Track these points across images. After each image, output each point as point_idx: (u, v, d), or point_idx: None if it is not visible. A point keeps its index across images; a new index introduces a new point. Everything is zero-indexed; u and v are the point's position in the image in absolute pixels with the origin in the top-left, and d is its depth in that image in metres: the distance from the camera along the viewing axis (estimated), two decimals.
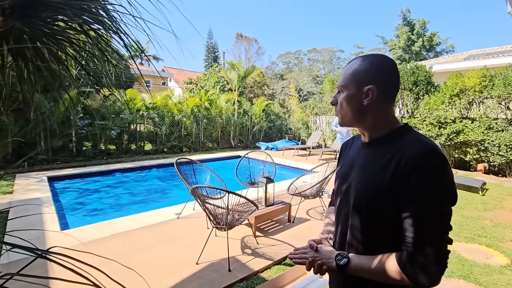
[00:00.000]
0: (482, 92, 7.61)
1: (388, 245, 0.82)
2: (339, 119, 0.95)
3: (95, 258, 0.89)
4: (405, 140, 0.84)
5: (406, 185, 0.76)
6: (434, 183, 0.75)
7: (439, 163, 0.76)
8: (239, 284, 2.50)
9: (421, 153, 0.77)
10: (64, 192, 5.67)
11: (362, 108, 0.88)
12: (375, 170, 0.85)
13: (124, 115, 9.33)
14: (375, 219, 0.84)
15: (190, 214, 4.07)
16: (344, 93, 0.91)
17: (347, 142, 1.16)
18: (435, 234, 0.75)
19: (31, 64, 1.18)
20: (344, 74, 0.92)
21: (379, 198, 0.82)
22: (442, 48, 28.21)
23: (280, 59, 42.66)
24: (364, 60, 0.89)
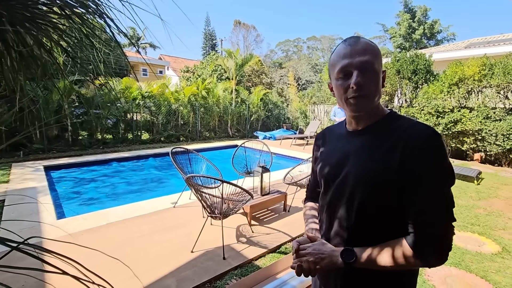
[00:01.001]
0: (481, 81, 7.55)
1: (393, 231, 0.82)
2: (359, 104, 0.84)
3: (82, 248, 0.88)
4: (402, 125, 0.84)
5: (414, 168, 0.76)
6: (444, 164, 0.77)
7: (443, 144, 0.77)
8: (233, 272, 2.53)
9: (427, 136, 0.77)
10: (60, 181, 5.66)
11: (380, 91, 0.87)
12: (379, 157, 0.83)
13: (120, 103, 9.23)
14: (381, 206, 0.83)
15: (186, 203, 4.08)
16: (374, 73, 0.83)
17: (323, 131, 1.12)
18: (446, 215, 0.77)
19: (13, 49, 1.13)
20: (370, 51, 0.82)
21: (385, 185, 0.80)
22: (443, 36, 27.88)
23: (279, 47, 42.09)
24: (374, 43, 0.87)
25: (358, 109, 0.86)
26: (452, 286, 2.40)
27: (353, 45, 0.84)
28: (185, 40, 1.23)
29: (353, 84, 0.82)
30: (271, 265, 2.46)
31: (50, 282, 2.14)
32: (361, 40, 0.85)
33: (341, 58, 0.85)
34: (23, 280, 2.20)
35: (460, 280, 2.49)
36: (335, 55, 0.88)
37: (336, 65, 0.87)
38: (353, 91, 0.83)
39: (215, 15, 79.84)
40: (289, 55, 40.31)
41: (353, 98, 0.84)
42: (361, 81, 0.81)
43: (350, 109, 0.87)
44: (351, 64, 0.82)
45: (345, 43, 0.86)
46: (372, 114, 0.89)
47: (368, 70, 0.82)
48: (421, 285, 2.40)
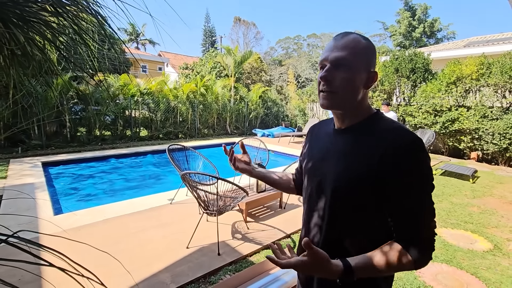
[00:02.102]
0: (479, 80, 7.57)
1: (373, 233, 0.84)
2: (326, 99, 0.84)
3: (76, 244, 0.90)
4: (384, 128, 0.84)
5: (396, 172, 0.77)
6: (426, 168, 0.78)
7: (424, 150, 0.78)
8: (227, 267, 2.56)
9: (409, 141, 0.77)
10: (58, 177, 5.69)
11: (360, 90, 0.84)
12: (358, 157, 0.83)
13: (119, 100, 9.23)
14: (356, 206, 0.84)
15: (182, 200, 4.11)
16: (348, 70, 0.81)
17: (313, 127, 1.13)
18: (431, 218, 0.79)
19: (5, 47, 1.15)
20: (350, 48, 0.81)
21: (363, 186, 0.81)
22: (443, 34, 27.82)
23: (279, 45, 41.92)
24: (366, 40, 0.85)
25: (324, 104, 0.85)
26: (443, 282, 2.44)
27: (337, 40, 0.84)
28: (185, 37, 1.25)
29: (319, 78, 0.83)
30: (265, 261, 2.50)
31: (45, 277, 2.17)
32: (349, 36, 0.84)
33: (324, 51, 0.86)
34: (19, 274, 2.23)
35: (450, 276, 2.53)
36: (324, 49, 0.89)
37: (320, 58, 0.88)
38: (322, 85, 0.84)
39: (215, 11, 79.49)
40: (289, 52, 40.18)
41: (321, 92, 0.85)
42: (328, 76, 0.81)
43: (320, 103, 0.88)
44: (326, 58, 0.83)
45: (333, 38, 0.87)
46: (355, 114, 0.88)
47: (342, 66, 0.80)
48: (412, 281, 2.44)
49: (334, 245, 0.89)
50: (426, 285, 2.40)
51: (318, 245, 0.92)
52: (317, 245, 0.92)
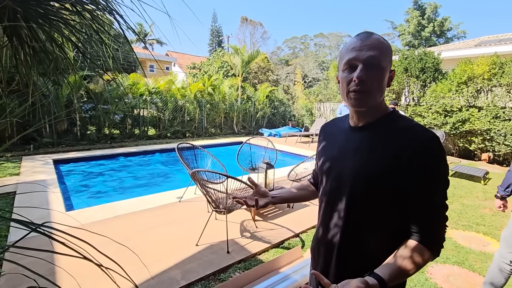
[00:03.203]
0: (491, 80, 7.42)
1: (392, 230, 0.85)
2: (359, 99, 0.84)
3: (92, 237, 0.92)
4: (402, 126, 0.84)
5: (414, 169, 0.78)
6: (443, 165, 0.79)
7: (442, 148, 0.79)
8: (237, 265, 2.57)
9: (427, 138, 0.78)
10: (69, 174, 5.79)
11: (384, 89, 0.87)
12: (376, 155, 0.84)
13: (127, 99, 9.34)
14: (375, 204, 0.84)
15: (191, 198, 4.14)
16: (380, 70, 0.82)
17: (326, 125, 1.13)
18: (444, 216, 0.82)
19: (26, 45, 1.18)
20: (378, 48, 0.82)
21: (381, 183, 0.82)
22: (453, 34, 27.36)
23: (285, 44, 41.81)
24: (386, 41, 0.86)
25: (357, 104, 0.86)
26: (455, 284, 2.40)
27: (363, 39, 0.83)
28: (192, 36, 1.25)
29: (355, 78, 0.82)
30: (274, 259, 2.50)
31: (62, 266, 2.22)
32: (373, 36, 0.84)
33: (349, 50, 0.85)
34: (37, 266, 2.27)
35: (462, 278, 2.49)
36: (345, 47, 0.88)
37: (344, 57, 0.87)
38: (355, 85, 0.83)
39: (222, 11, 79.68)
40: (295, 52, 40.06)
41: (354, 92, 0.84)
42: (364, 76, 0.81)
43: (350, 103, 0.87)
44: (357, 58, 0.82)
45: (357, 37, 0.86)
46: (374, 112, 0.89)
47: (373, 66, 0.81)
48: (424, 283, 2.41)
49: (353, 243, 0.90)
50: (437, 286, 2.37)
51: (337, 244, 0.92)
52: (336, 244, 0.93)
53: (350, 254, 0.90)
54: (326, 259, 0.96)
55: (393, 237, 0.84)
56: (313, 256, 1.07)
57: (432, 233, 0.80)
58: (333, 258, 0.93)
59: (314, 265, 1.07)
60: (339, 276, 0.92)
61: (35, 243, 0.89)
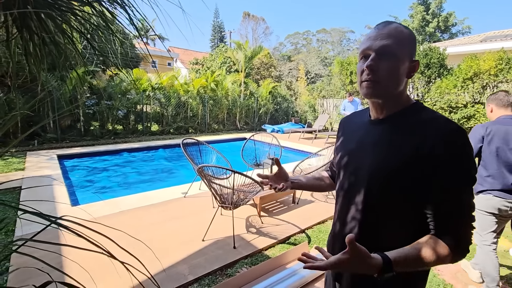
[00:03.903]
0: (498, 76, 7.33)
1: (411, 225, 0.82)
2: (370, 87, 0.81)
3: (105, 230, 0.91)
4: (425, 118, 0.82)
5: (435, 163, 0.75)
6: (467, 160, 0.76)
7: (467, 141, 0.75)
8: (243, 261, 2.57)
9: (450, 131, 0.76)
10: (74, 170, 5.81)
11: (403, 80, 0.83)
12: (397, 148, 0.81)
13: (131, 95, 9.33)
14: (396, 199, 0.82)
15: (196, 194, 4.14)
16: (393, 59, 0.79)
17: (344, 120, 1.11)
18: (469, 216, 0.78)
19: (36, 36, 1.16)
20: (394, 36, 0.79)
21: (401, 177, 0.79)
22: (457, 29, 27.06)
23: (288, 40, 41.58)
24: (407, 29, 0.83)
25: (367, 93, 0.84)
26: (463, 281, 2.39)
27: (380, 28, 0.82)
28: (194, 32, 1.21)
29: (365, 67, 0.81)
30: (281, 255, 2.50)
31: (72, 260, 2.23)
32: (392, 25, 0.82)
33: (366, 40, 0.84)
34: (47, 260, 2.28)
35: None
36: (364, 38, 0.87)
37: (360, 47, 0.86)
38: (366, 74, 0.82)
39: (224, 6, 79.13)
40: (298, 48, 39.81)
41: (365, 81, 0.82)
42: (374, 65, 0.79)
43: (362, 93, 0.86)
44: (370, 47, 0.81)
45: (376, 26, 0.84)
46: (393, 103, 0.86)
47: (387, 55, 0.79)
48: (431, 279, 2.40)
49: (371, 239, 0.88)
50: (446, 283, 2.36)
51: (354, 237, 0.90)
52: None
53: (367, 247, 0.88)
54: None
55: (412, 233, 0.82)
56: (329, 251, 1.05)
57: (454, 232, 0.77)
58: None
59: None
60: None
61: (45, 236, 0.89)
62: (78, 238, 0.75)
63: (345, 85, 10.95)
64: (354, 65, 10.49)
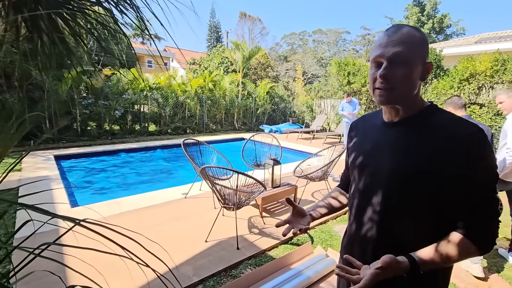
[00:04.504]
0: (493, 77, 7.43)
1: (431, 225, 0.82)
2: (384, 96, 0.82)
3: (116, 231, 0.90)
4: (442, 120, 0.82)
5: (456, 164, 0.76)
6: (488, 159, 0.77)
7: (487, 142, 0.76)
8: (247, 262, 2.57)
9: (468, 133, 0.76)
10: (71, 170, 5.74)
11: (417, 84, 0.83)
12: (415, 150, 0.82)
13: (128, 95, 9.26)
14: (416, 200, 0.82)
15: (197, 194, 4.12)
16: (406, 66, 0.79)
17: (357, 122, 1.12)
18: (494, 210, 0.79)
19: (46, 36, 1.14)
20: (406, 42, 0.79)
21: (421, 179, 0.80)
22: (452, 30, 27.38)
23: (284, 40, 41.68)
24: (419, 32, 0.82)
25: (382, 101, 0.84)
26: (465, 280, 2.42)
27: (390, 35, 0.81)
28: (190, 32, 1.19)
29: (378, 76, 0.81)
30: (286, 255, 2.50)
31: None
32: (402, 29, 0.81)
33: (376, 47, 0.83)
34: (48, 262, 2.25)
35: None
36: (374, 44, 0.87)
37: (371, 54, 0.86)
38: (379, 83, 0.82)
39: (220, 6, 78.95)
40: (294, 48, 39.90)
41: (378, 89, 0.83)
42: (388, 73, 0.80)
43: (376, 100, 0.86)
44: (382, 55, 0.81)
45: (385, 32, 0.84)
46: (409, 107, 0.87)
47: (399, 62, 0.79)
48: None
49: (390, 239, 0.88)
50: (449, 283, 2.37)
51: (372, 241, 0.91)
52: (371, 241, 0.91)
53: (387, 252, 0.88)
54: (361, 257, 0.94)
55: (430, 234, 0.83)
56: (345, 253, 1.05)
57: (479, 228, 0.78)
58: (369, 255, 0.91)
59: (348, 263, 1.04)
60: None
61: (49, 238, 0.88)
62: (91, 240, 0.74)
63: (342, 85, 11.00)
64: (351, 66, 10.55)
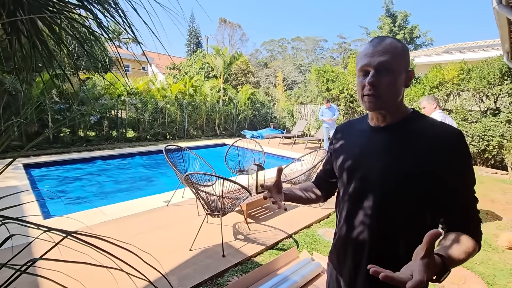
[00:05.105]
0: (460, 85, 7.96)
1: (422, 226, 0.86)
2: (372, 102, 0.86)
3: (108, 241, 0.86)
4: (425, 125, 0.88)
5: (444, 165, 0.81)
6: (469, 158, 0.83)
7: (467, 144, 0.83)
8: (233, 269, 2.54)
9: (453, 134, 0.82)
10: (43, 180, 5.41)
11: (401, 91, 0.89)
12: (404, 154, 0.86)
13: (104, 100, 8.93)
14: (408, 202, 0.86)
15: (179, 202, 4.03)
16: (390, 74, 0.85)
17: (343, 126, 1.14)
18: (477, 203, 0.85)
19: (27, 39, 1.08)
20: (390, 52, 0.84)
21: (412, 181, 0.84)
22: (421, 41, 29.05)
23: (263, 47, 42.20)
24: (400, 42, 0.88)
25: (371, 107, 0.88)
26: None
27: (375, 45, 0.86)
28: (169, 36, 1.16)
29: (367, 83, 0.86)
30: (272, 261, 2.50)
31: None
32: (386, 40, 0.87)
33: (363, 57, 0.88)
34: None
35: (451, 272, 2.63)
36: (359, 54, 0.91)
37: (358, 63, 0.90)
38: (367, 90, 0.87)
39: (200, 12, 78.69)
40: (274, 55, 40.49)
41: (367, 96, 0.87)
42: (375, 81, 0.85)
43: (365, 106, 0.90)
44: (369, 64, 0.86)
45: (370, 43, 0.89)
46: (395, 112, 0.91)
47: (385, 71, 0.84)
48: None
49: (382, 241, 0.90)
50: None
51: (367, 243, 0.92)
52: (364, 241, 0.93)
53: (382, 252, 0.91)
54: (355, 259, 0.96)
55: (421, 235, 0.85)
56: (337, 256, 1.06)
57: (474, 225, 0.83)
58: (364, 257, 0.93)
59: (337, 266, 1.06)
60: (371, 275, 0.92)
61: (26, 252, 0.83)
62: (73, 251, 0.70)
63: (321, 91, 11.29)
64: (330, 73, 10.88)
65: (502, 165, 7.41)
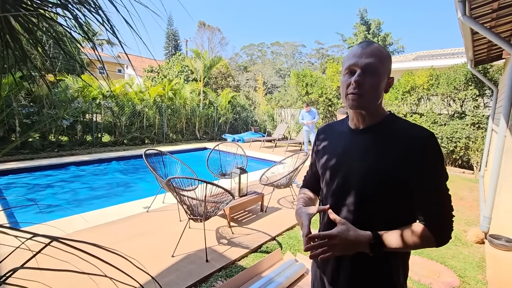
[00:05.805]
0: (429, 90, 8.44)
1: (400, 222, 0.91)
2: (356, 100, 0.91)
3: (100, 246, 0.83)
4: (402, 127, 0.93)
5: (420, 164, 0.86)
6: (442, 158, 0.89)
7: (439, 144, 0.88)
8: (217, 274, 2.50)
9: (427, 136, 0.87)
10: (9, 187, 5.06)
11: (381, 94, 0.93)
12: (383, 154, 0.91)
13: (78, 103, 8.53)
14: (387, 200, 0.91)
15: (160, 207, 3.93)
16: (375, 76, 0.89)
17: (324, 128, 1.18)
18: (450, 201, 0.90)
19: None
20: (376, 55, 0.90)
21: (391, 180, 0.88)
22: (394, 48, 30.50)
23: (243, 51, 42.38)
24: (385, 49, 0.94)
25: (354, 105, 0.92)
26: (418, 272, 2.66)
27: (364, 47, 0.91)
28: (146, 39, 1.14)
29: (353, 81, 0.90)
30: (256, 264, 2.50)
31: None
32: (373, 45, 0.92)
33: (350, 57, 0.92)
34: None
35: (424, 267, 2.77)
36: (347, 54, 0.95)
37: (345, 63, 0.94)
38: (353, 88, 0.91)
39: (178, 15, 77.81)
40: (253, 59, 40.79)
41: (351, 94, 0.91)
42: (361, 80, 0.89)
43: (348, 105, 0.94)
44: (356, 63, 0.90)
45: (359, 45, 0.94)
46: (374, 114, 0.96)
47: (371, 72, 0.89)
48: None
49: None
50: (420, 284, 2.59)
51: None
52: None
53: None
54: (337, 257, 0.99)
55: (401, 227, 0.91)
56: None
57: (439, 221, 0.88)
58: (346, 255, 0.96)
59: (321, 265, 1.08)
60: (354, 272, 0.96)
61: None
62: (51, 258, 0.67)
63: (301, 95, 11.52)
64: (309, 77, 11.13)
65: (469, 165, 7.92)
